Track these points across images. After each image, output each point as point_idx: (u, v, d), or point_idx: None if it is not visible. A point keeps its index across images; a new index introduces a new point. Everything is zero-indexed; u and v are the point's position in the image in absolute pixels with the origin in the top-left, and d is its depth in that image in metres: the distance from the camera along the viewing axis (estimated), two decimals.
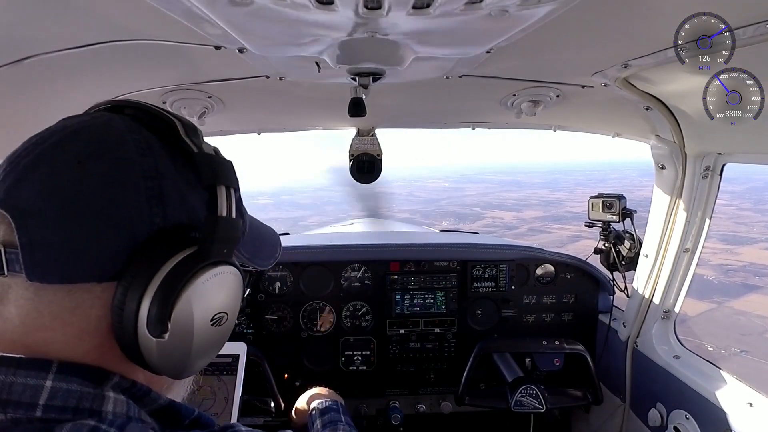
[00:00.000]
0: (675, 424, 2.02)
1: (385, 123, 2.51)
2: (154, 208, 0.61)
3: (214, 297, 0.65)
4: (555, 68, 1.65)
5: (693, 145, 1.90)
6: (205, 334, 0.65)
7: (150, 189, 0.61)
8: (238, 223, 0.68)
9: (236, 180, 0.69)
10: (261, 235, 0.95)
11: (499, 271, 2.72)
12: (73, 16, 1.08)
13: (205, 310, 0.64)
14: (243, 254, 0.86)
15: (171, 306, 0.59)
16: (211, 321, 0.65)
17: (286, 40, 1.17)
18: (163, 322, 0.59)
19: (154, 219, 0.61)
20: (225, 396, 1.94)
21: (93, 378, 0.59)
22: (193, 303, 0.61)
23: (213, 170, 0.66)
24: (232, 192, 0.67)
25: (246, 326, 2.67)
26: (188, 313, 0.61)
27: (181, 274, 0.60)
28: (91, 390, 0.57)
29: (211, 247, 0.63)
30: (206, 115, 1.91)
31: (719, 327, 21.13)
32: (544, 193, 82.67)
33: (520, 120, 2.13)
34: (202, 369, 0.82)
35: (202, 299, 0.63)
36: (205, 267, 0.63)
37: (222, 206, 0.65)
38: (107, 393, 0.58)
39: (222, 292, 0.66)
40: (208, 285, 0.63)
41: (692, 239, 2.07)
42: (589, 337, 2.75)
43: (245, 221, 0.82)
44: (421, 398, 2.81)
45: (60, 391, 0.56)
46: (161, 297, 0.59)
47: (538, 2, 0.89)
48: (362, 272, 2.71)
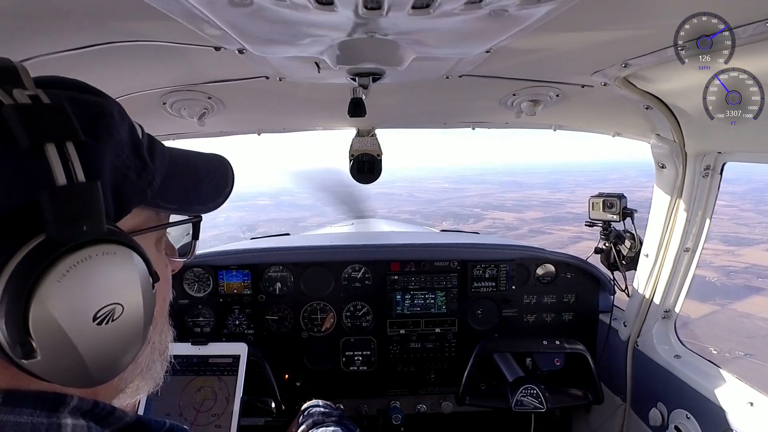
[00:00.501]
0: (676, 424, 2.02)
1: (385, 123, 2.51)
2: None
3: (85, 291, 0.51)
4: (555, 68, 1.65)
5: (693, 144, 1.90)
6: (96, 337, 0.53)
7: None
8: (93, 186, 0.51)
9: (73, 125, 0.51)
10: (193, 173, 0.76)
11: (499, 271, 2.72)
12: (73, 17, 1.08)
13: (76, 311, 0.51)
14: (168, 206, 0.70)
15: (22, 323, 0.47)
16: (96, 320, 0.52)
17: (286, 40, 1.17)
18: (24, 343, 0.47)
19: None
20: (226, 396, 1.94)
21: (45, 405, 0.51)
22: (52, 309, 0.48)
23: (30, 125, 0.48)
24: (70, 147, 0.50)
25: (246, 327, 2.67)
26: (51, 323, 0.48)
27: (25, 275, 0.47)
28: (45, 420, 0.50)
29: (56, 230, 0.48)
30: (206, 116, 1.91)
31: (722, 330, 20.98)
32: (544, 193, 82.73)
33: (520, 119, 2.13)
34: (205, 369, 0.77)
35: (64, 300, 0.49)
36: (56, 259, 0.48)
37: (57, 171, 0.48)
38: (64, 420, 0.51)
39: (96, 281, 0.52)
40: (69, 279, 0.49)
41: (693, 238, 2.07)
42: (590, 337, 2.74)
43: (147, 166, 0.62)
44: (421, 398, 2.81)
45: (8, 425, 0.48)
46: (9, 312, 0.46)
47: (537, 2, 0.89)
48: (363, 272, 2.71)
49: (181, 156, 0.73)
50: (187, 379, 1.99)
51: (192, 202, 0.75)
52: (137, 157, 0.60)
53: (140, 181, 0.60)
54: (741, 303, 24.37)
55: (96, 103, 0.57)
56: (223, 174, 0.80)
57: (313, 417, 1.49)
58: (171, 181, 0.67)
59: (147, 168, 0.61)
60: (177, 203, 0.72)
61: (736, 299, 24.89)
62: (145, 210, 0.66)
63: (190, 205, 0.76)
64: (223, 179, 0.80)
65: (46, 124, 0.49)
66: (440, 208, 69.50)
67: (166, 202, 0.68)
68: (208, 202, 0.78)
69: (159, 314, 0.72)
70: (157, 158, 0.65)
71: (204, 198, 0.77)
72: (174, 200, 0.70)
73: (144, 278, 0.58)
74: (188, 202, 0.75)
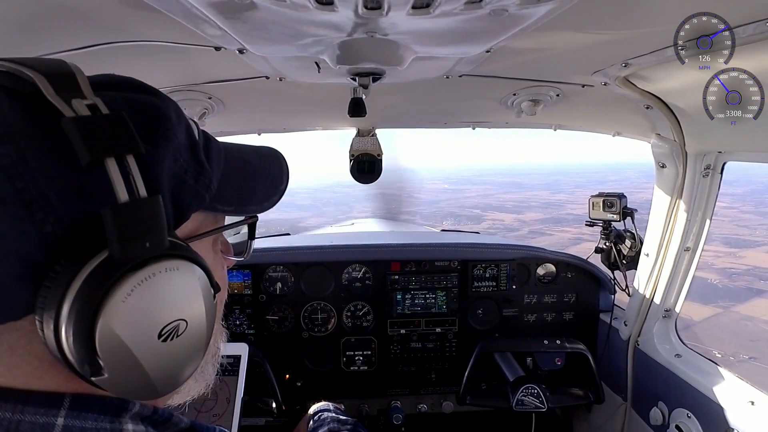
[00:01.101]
0: (677, 423, 2.02)
1: (385, 123, 2.51)
2: (37, 214, 0.45)
3: (150, 309, 0.51)
4: (555, 67, 1.65)
5: (693, 143, 1.90)
6: (161, 353, 0.52)
7: (23, 191, 0.45)
8: (155, 201, 0.49)
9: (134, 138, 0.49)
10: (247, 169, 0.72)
11: (499, 271, 2.72)
12: (73, 17, 1.08)
13: (142, 329, 0.50)
14: (225, 207, 0.67)
15: (90, 342, 0.47)
16: (161, 337, 0.52)
17: (286, 40, 1.17)
18: (92, 361, 0.47)
19: (44, 229, 0.46)
20: (227, 396, 1.94)
21: (110, 410, 0.52)
22: (118, 330, 0.48)
23: (90, 140, 0.46)
24: (130, 160, 0.48)
25: (247, 327, 2.67)
26: (117, 342, 0.48)
27: (91, 295, 0.46)
28: (108, 425, 0.51)
29: (120, 249, 0.47)
30: (206, 116, 1.91)
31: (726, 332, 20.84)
32: (544, 194, 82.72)
33: (520, 119, 2.14)
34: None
35: (130, 319, 0.49)
36: (120, 279, 0.48)
37: (119, 187, 0.47)
38: (125, 426, 0.52)
39: (161, 299, 0.51)
40: (132, 300, 0.48)
41: (693, 238, 2.07)
42: (591, 337, 2.74)
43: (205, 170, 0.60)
44: (422, 398, 2.81)
45: (74, 429, 0.49)
46: (76, 333, 0.46)
47: (537, 1, 0.89)
48: (363, 272, 2.71)
49: (236, 152, 0.70)
50: None
51: (247, 202, 0.72)
52: (195, 160, 0.59)
53: (198, 185, 0.58)
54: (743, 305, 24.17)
55: (153, 106, 0.56)
56: (277, 169, 0.77)
57: (328, 424, 1.46)
58: (226, 181, 0.65)
59: (204, 171, 0.60)
60: (233, 204, 0.69)
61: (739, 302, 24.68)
62: (203, 213, 0.65)
63: (246, 206, 0.72)
64: (278, 175, 0.77)
65: (107, 137, 0.47)
66: (440, 209, 69.50)
67: (222, 204, 0.66)
68: (264, 200, 0.75)
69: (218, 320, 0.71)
70: (213, 159, 0.63)
71: (259, 196, 0.74)
72: (230, 202, 0.68)
73: (206, 291, 0.57)
74: (244, 202, 0.71)
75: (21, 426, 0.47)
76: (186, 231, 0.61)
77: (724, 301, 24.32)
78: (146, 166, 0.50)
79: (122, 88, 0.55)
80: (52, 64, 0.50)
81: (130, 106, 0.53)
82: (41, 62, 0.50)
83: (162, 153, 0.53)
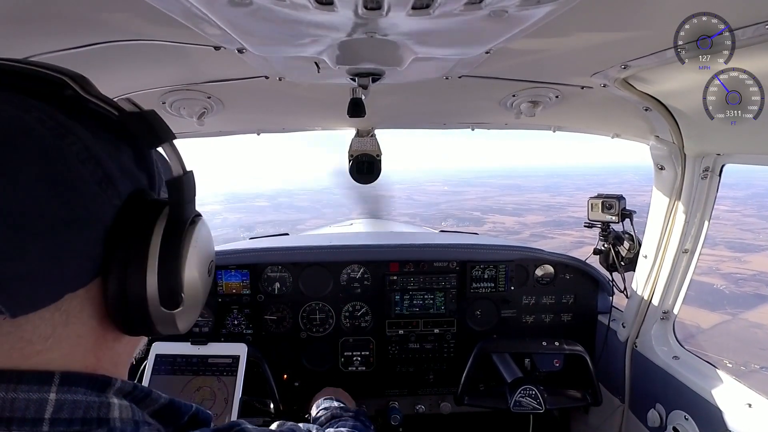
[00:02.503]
0: (674, 425, 2.02)
1: (384, 123, 2.51)
2: (109, 190, 0.56)
3: (204, 250, 0.67)
4: (554, 69, 1.65)
5: (692, 145, 1.90)
6: (206, 285, 0.69)
7: (94, 173, 0.55)
8: (192, 175, 0.65)
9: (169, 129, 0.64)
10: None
11: (498, 272, 2.73)
12: (73, 16, 1.08)
13: (203, 266, 0.67)
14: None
15: (180, 278, 0.60)
16: (208, 272, 0.70)
17: (286, 40, 1.17)
18: (177, 294, 0.60)
19: (113, 201, 0.57)
20: (225, 397, 1.94)
21: (96, 385, 0.57)
22: (195, 266, 0.63)
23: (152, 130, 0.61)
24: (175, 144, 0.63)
25: (245, 327, 2.66)
26: (194, 276, 0.63)
27: (175, 243, 0.60)
28: (96, 398, 0.55)
29: (184, 208, 0.62)
30: (206, 116, 1.91)
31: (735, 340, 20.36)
32: (544, 197, 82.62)
33: (519, 120, 2.14)
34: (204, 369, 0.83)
35: (199, 259, 0.65)
36: (190, 227, 0.63)
37: (176, 164, 0.62)
38: (111, 400, 0.57)
39: (206, 243, 0.68)
40: (198, 243, 0.64)
41: (691, 240, 2.08)
42: (589, 338, 2.75)
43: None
44: (420, 399, 2.81)
45: (66, 403, 0.53)
46: (168, 272, 0.59)
47: (537, 3, 0.89)
48: (362, 273, 2.71)
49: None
50: (186, 379, 1.99)
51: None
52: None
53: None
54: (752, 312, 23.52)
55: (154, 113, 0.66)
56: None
57: (331, 410, 1.60)
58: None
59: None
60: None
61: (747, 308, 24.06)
62: None
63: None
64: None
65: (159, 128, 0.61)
66: (440, 211, 69.42)
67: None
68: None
69: None
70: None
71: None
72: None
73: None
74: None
75: (16, 403, 0.51)
76: None
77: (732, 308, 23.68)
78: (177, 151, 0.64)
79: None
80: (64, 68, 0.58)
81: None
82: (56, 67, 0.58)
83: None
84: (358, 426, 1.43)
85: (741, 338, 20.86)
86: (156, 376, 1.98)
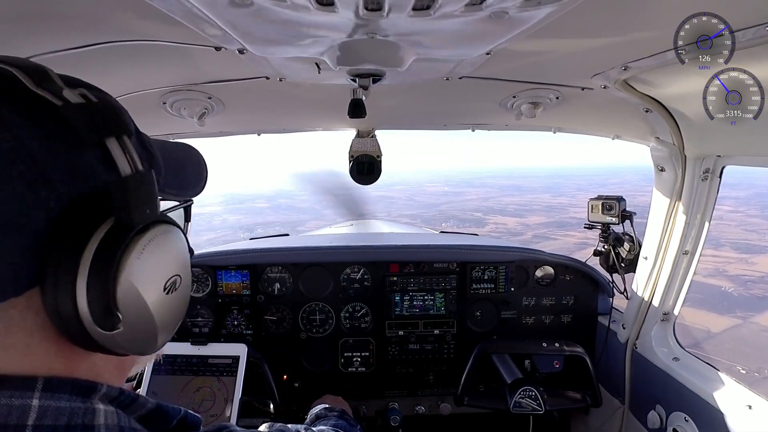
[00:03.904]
0: (674, 426, 2.01)
1: (384, 124, 2.51)
2: (41, 191, 0.50)
3: (158, 264, 0.58)
4: (555, 70, 1.65)
5: (692, 147, 1.90)
6: (164, 305, 0.60)
7: (25, 173, 0.49)
8: (149, 175, 0.58)
9: (126, 121, 0.57)
10: (179, 160, 0.81)
11: (498, 273, 2.72)
12: (73, 16, 1.08)
13: (153, 282, 0.58)
14: (169, 192, 0.76)
15: (112, 295, 0.52)
16: (165, 290, 0.60)
17: (286, 41, 1.17)
18: (111, 314, 0.53)
19: (48, 204, 0.51)
20: (225, 397, 1.94)
21: (80, 391, 0.55)
22: (136, 282, 0.55)
23: (93, 122, 0.54)
24: (126, 140, 0.56)
25: (245, 327, 2.66)
26: (135, 294, 0.55)
27: (110, 255, 0.52)
28: (81, 404, 0.54)
29: (131, 213, 0.55)
30: (206, 116, 1.91)
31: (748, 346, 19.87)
32: (545, 197, 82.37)
33: (519, 121, 2.14)
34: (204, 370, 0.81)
35: (144, 273, 0.56)
36: (135, 237, 0.55)
37: (122, 163, 0.55)
38: (97, 406, 0.55)
39: (164, 256, 0.59)
40: (146, 255, 0.56)
41: (692, 241, 2.07)
42: (589, 339, 2.74)
43: (155, 157, 0.68)
44: (420, 399, 2.81)
45: (49, 409, 0.51)
46: (97, 288, 0.52)
47: (538, 4, 0.89)
48: (362, 273, 2.71)
49: (162, 145, 0.77)
50: (186, 379, 1.99)
51: (184, 187, 0.83)
52: (144, 148, 0.65)
53: (153, 169, 0.64)
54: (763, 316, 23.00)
55: (108, 99, 0.61)
56: (197, 161, 0.86)
57: (316, 411, 1.59)
58: (166, 169, 0.72)
59: (154, 158, 0.67)
60: (175, 189, 0.78)
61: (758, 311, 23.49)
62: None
63: (183, 191, 0.83)
64: (198, 166, 0.86)
65: (106, 120, 0.56)
66: (440, 212, 69.30)
67: (168, 188, 0.74)
68: (194, 187, 0.85)
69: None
70: (155, 150, 0.70)
71: (189, 184, 0.84)
72: (172, 186, 0.76)
73: (187, 252, 0.67)
74: (182, 187, 0.82)
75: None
76: None
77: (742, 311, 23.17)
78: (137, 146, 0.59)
79: (81, 86, 0.60)
80: (24, 61, 0.55)
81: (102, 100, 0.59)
82: (13, 60, 0.54)
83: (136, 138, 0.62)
84: (341, 424, 1.43)
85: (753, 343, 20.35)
86: (156, 376, 1.98)
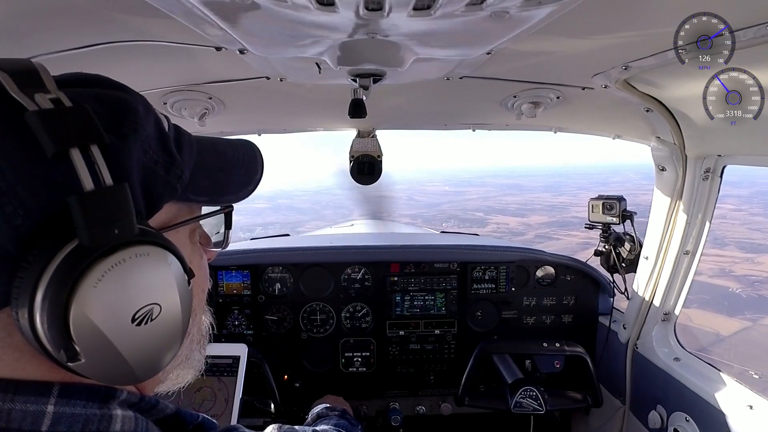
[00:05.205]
0: (675, 427, 2.01)
1: (385, 124, 2.51)
2: (7, 207, 0.47)
3: (121, 294, 0.52)
4: (555, 70, 1.65)
5: (693, 146, 1.90)
6: (136, 337, 0.54)
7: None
8: (121, 188, 0.51)
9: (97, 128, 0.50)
10: (220, 160, 0.74)
11: (499, 273, 2.72)
12: (74, 16, 1.08)
13: (114, 315, 0.51)
14: (198, 198, 0.69)
15: (64, 328, 0.48)
16: (135, 321, 0.53)
17: (287, 41, 1.17)
18: (68, 347, 0.48)
19: (14, 221, 0.47)
20: (225, 397, 1.94)
21: (97, 397, 0.54)
22: (91, 315, 0.49)
23: (54, 131, 0.47)
24: (95, 150, 0.49)
25: (246, 327, 2.66)
26: (91, 327, 0.49)
27: (62, 282, 0.47)
28: (97, 411, 0.53)
29: (88, 235, 0.48)
30: (207, 116, 1.91)
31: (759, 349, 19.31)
32: (546, 197, 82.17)
33: (520, 121, 2.14)
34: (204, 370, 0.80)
35: (101, 306, 0.50)
36: (90, 265, 0.49)
37: (84, 176, 0.48)
38: (114, 412, 0.54)
39: (133, 284, 0.52)
40: (104, 285, 0.50)
41: (693, 241, 2.07)
42: (589, 339, 2.74)
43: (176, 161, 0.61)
44: (420, 399, 2.81)
45: (64, 416, 0.51)
46: (50, 320, 0.47)
47: (538, 4, 0.89)
48: (362, 273, 2.71)
49: (209, 145, 0.72)
50: None
51: (222, 192, 0.74)
52: (164, 151, 0.60)
53: (169, 176, 0.60)
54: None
55: (120, 99, 0.57)
56: (251, 161, 0.78)
57: (317, 411, 1.59)
58: (200, 172, 0.66)
59: (175, 162, 0.61)
60: (207, 195, 0.71)
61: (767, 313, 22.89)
62: (176, 204, 0.66)
63: (221, 196, 0.75)
64: (252, 166, 0.78)
65: (70, 129, 0.49)
66: (441, 211, 69.21)
67: (196, 194, 0.67)
68: (239, 190, 0.77)
69: (197, 306, 0.74)
70: (185, 150, 0.64)
71: (234, 187, 0.76)
72: (204, 192, 0.69)
73: (179, 276, 0.59)
74: (218, 192, 0.74)
75: (12, 414, 0.49)
76: (161, 221, 0.63)
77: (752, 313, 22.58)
78: (112, 156, 0.51)
79: (89, 84, 0.57)
80: (16, 62, 0.51)
81: (95, 100, 0.54)
82: (4, 61, 0.51)
83: (129, 145, 0.54)
84: (342, 424, 1.42)
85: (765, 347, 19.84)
86: None
